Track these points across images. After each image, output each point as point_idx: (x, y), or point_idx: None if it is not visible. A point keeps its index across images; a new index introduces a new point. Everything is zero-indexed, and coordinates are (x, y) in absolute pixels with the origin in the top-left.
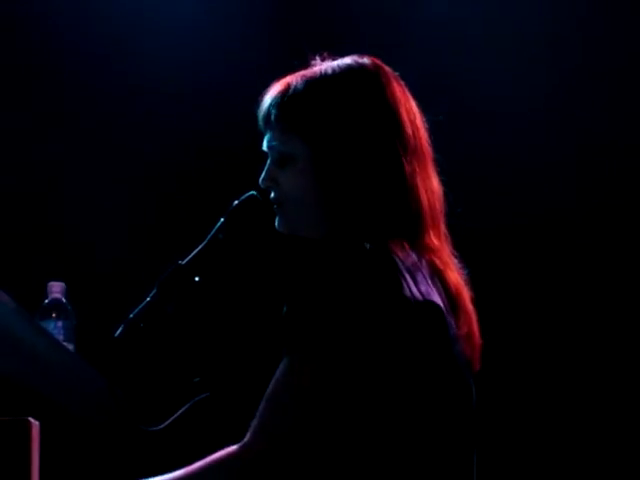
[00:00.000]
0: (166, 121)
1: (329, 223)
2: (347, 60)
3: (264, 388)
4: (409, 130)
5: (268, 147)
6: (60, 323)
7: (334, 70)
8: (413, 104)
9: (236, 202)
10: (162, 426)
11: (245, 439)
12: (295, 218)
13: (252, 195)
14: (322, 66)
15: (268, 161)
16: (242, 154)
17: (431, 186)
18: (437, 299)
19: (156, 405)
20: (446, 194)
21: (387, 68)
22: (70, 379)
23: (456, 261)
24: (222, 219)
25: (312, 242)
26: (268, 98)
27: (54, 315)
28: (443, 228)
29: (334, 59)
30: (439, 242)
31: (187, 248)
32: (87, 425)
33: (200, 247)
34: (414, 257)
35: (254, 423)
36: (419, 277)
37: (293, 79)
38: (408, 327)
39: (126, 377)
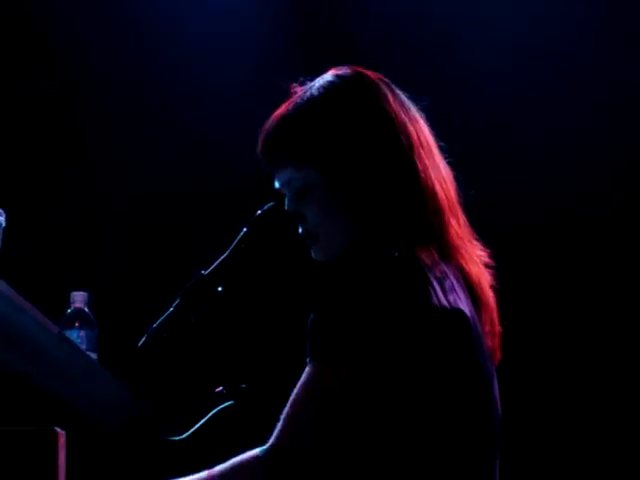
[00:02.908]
0: (187, 129)
1: (359, 237)
2: (328, 77)
3: (288, 395)
4: (409, 126)
5: (283, 186)
6: (83, 332)
7: (319, 91)
8: (404, 98)
9: (259, 212)
10: (185, 435)
11: (269, 443)
12: (331, 244)
13: (274, 204)
14: (306, 91)
15: (286, 200)
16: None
17: (443, 176)
18: (464, 306)
19: (179, 414)
20: (456, 178)
21: (368, 72)
22: (94, 388)
23: (478, 246)
24: (245, 229)
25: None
26: (267, 140)
27: (77, 324)
28: (462, 214)
29: (311, 80)
30: (460, 230)
31: (211, 258)
32: (111, 434)
33: (223, 257)
34: (441, 264)
35: (278, 427)
36: (447, 284)
37: (284, 114)
38: (434, 336)
39: (149, 386)
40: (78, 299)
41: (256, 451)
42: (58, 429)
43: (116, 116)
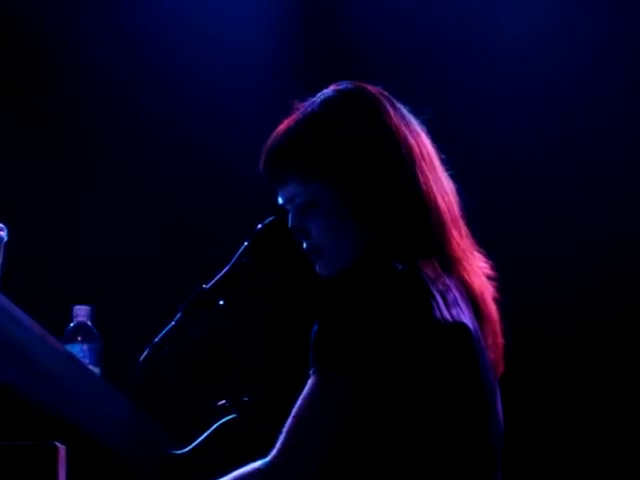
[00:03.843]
0: (195, 137)
1: (363, 250)
2: (328, 92)
3: (290, 408)
4: (411, 140)
5: (286, 202)
6: (86, 347)
7: (321, 106)
8: (405, 111)
9: (260, 225)
10: (188, 449)
11: (271, 455)
12: (336, 258)
13: (276, 218)
14: (307, 107)
15: (290, 215)
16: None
17: (445, 188)
18: (467, 320)
19: (182, 428)
20: (458, 191)
21: (369, 86)
22: (96, 403)
23: (480, 257)
24: (246, 243)
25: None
26: (269, 157)
27: (80, 339)
28: (464, 226)
29: (313, 96)
30: (462, 242)
31: (212, 272)
32: (113, 449)
33: (224, 271)
34: (444, 276)
35: (280, 439)
36: (450, 298)
37: (285, 130)
38: (436, 350)
39: (151, 400)
40: (81, 313)
41: (258, 463)
42: (58, 444)
43: (114, 129)
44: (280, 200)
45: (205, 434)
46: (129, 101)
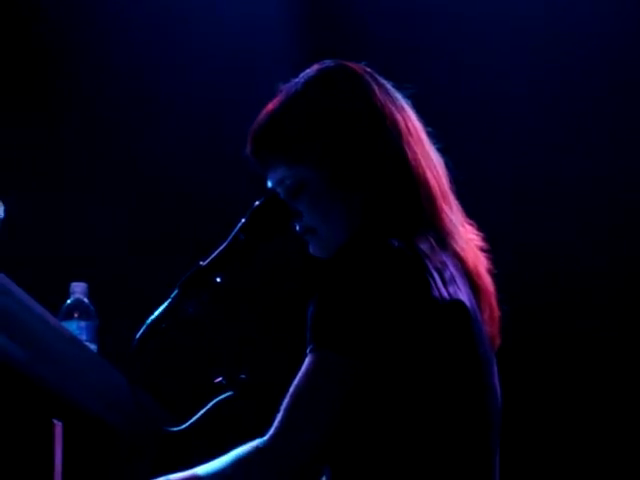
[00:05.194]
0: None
1: (357, 228)
2: (311, 71)
3: (288, 386)
4: (397, 115)
5: (275, 185)
6: (83, 323)
7: (304, 86)
8: (389, 87)
9: (257, 202)
10: (184, 426)
11: (268, 434)
12: (329, 238)
13: (273, 195)
14: (291, 88)
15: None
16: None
17: (434, 162)
18: (464, 297)
19: (178, 405)
20: (446, 164)
21: (352, 64)
22: (92, 380)
23: (471, 230)
24: (243, 219)
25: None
26: (255, 140)
27: (76, 315)
28: (453, 199)
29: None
30: (453, 216)
31: (209, 249)
32: (109, 425)
33: (221, 248)
34: (440, 253)
35: (278, 418)
36: (447, 275)
37: (270, 112)
38: (434, 328)
39: (148, 377)
40: (78, 290)
41: (255, 442)
42: (55, 420)
43: (116, 104)
44: (269, 183)
45: (201, 411)
46: (131, 75)
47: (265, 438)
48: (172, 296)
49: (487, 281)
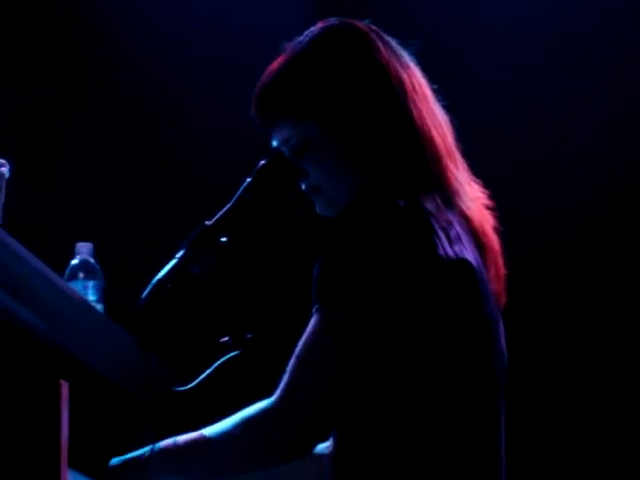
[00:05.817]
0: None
1: (363, 187)
2: (316, 30)
3: (294, 345)
4: (402, 73)
5: (281, 144)
6: (89, 283)
7: (309, 44)
8: (395, 45)
9: (263, 161)
10: (191, 386)
11: (275, 395)
12: (335, 197)
13: (279, 154)
14: (295, 46)
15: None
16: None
17: (439, 120)
18: (470, 255)
19: (185, 365)
20: (451, 120)
21: (357, 22)
22: (99, 340)
23: (477, 188)
24: (249, 179)
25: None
26: (259, 99)
27: (82, 276)
28: (459, 157)
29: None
30: (459, 174)
31: (215, 208)
32: (116, 386)
33: (227, 207)
34: (446, 212)
35: (284, 379)
36: (452, 234)
37: (275, 71)
38: (440, 287)
39: (154, 337)
40: (83, 250)
41: (263, 403)
42: (62, 380)
43: (122, 66)
44: (274, 143)
45: (208, 371)
46: (136, 33)
47: (272, 399)
48: (178, 256)
49: (493, 239)
